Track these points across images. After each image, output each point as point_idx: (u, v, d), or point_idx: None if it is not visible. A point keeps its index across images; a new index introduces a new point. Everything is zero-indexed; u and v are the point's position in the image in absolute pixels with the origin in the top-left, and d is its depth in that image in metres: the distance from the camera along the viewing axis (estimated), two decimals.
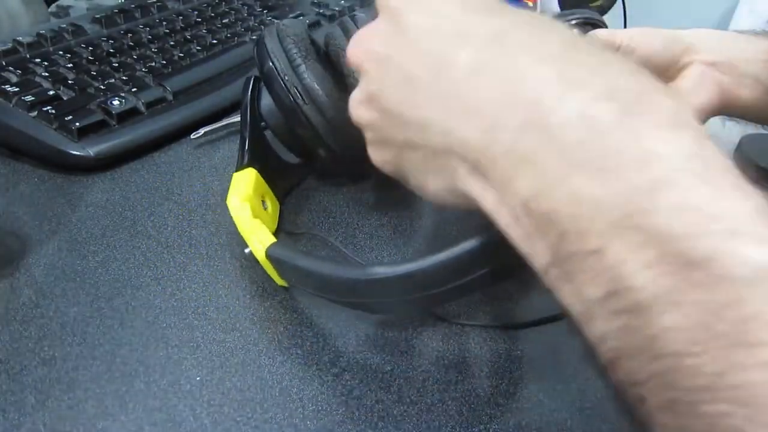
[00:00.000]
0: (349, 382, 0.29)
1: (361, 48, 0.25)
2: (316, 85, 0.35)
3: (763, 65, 0.41)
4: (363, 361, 0.30)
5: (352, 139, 0.37)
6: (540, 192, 0.18)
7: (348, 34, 0.38)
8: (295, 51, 0.36)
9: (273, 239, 0.31)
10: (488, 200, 0.20)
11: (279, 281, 0.33)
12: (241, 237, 0.33)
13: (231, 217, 0.34)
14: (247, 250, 0.33)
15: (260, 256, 0.31)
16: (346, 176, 0.43)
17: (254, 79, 0.39)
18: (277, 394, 0.28)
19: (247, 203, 0.34)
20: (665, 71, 0.41)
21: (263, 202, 0.37)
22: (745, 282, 0.15)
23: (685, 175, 0.16)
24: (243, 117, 0.39)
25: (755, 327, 0.14)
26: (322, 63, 0.36)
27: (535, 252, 0.19)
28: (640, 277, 0.16)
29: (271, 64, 0.36)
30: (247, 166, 0.37)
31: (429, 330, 0.32)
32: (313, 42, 0.38)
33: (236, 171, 0.37)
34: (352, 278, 0.27)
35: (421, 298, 0.27)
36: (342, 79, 0.37)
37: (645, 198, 0.16)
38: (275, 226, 0.38)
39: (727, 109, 0.42)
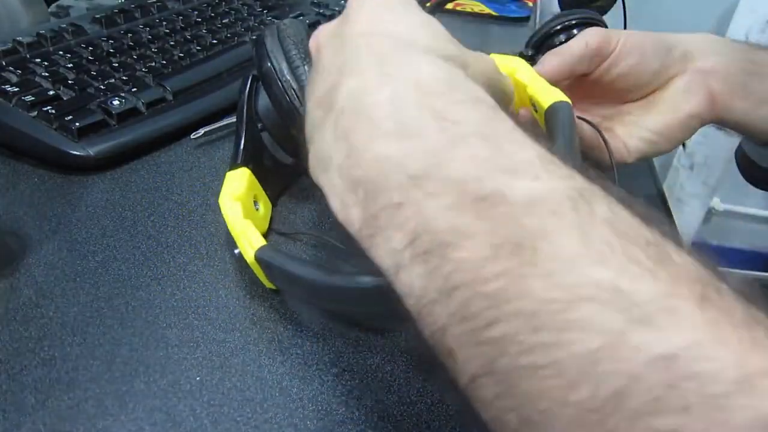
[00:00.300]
0: (349, 382, 0.29)
1: (317, 34, 0.29)
2: None
3: (758, 78, 0.41)
4: (363, 361, 0.30)
5: None
6: (351, 160, 0.21)
7: None
8: (294, 52, 0.35)
9: (263, 241, 0.31)
10: (320, 178, 0.23)
11: (267, 284, 0.33)
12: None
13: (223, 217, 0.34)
14: (236, 251, 0.33)
15: (249, 258, 0.31)
16: None
17: (252, 78, 0.39)
18: (277, 394, 0.28)
19: (238, 203, 0.34)
20: (656, 77, 0.41)
21: (255, 202, 0.37)
22: (522, 206, 0.17)
23: (476, 136, 0.19)
24: (239, 116, 0.39)
25: (532, 242, 0.17)
26: None
27: (350, 219, 0.21)
28: (439, 219, 0.18)
29: (269, 64, 0.35)
30: (241, 165, 0.37)
31: None
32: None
33: (230, 170, 0.37)
34: (341, 287, 0.27)
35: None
36: None
37: (442, 153, 0.19)
38: (266, 227, 0.38)
39: (718, 118, 0.42)
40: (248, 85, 0.39)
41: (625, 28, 0.76)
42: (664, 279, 0.16)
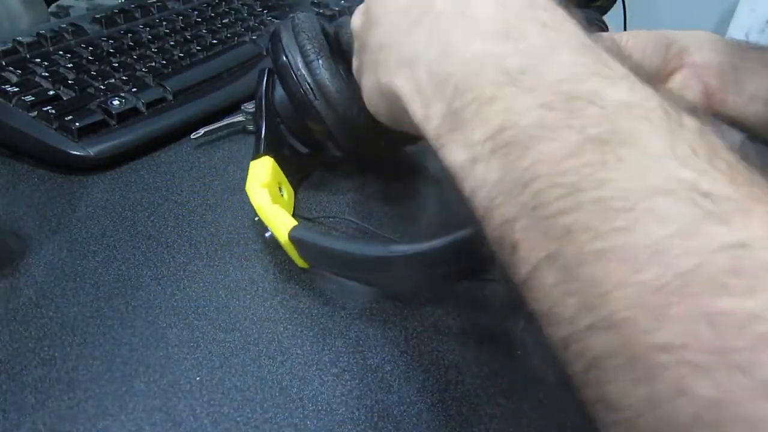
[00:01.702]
0: (349, 382, 0.29)
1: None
2: (327, 81, 0.35)
3: (749, 74, 0.42)
4: (363, 361, 0.30)
5: (362, 135, 0.37)
6: (446, 55, 0.21)
7: None
8: (309, 46, 0.36)
9: (294, 222, 0.32)
10: (399, 80, 0.24)
11: (300, 263, 0.34)
12: (262, 223, 0.34)
13: (250, 205, 0.35)
14: (268, 234, 0.34)
15: (283, 238, 0.32)
16: (356, 168, 0.43)
17: (268, 71, 0.40)
18: (277, 394, 0.28)
19: (265, 189, 0.35)
20: (657, 73, 0.42)
21: (280, 188, 0.38)
22: (615, 109, 0.18)
23: (577, 46, 0.20)
24: (258, 107, 0.40)
25: (620, 140, 0.17)
26: (335, 58, 0.37)
27: (429, 115, 0.22)
28: (529, 114, 0.18)
29: (284, 58, 0.36)
30: (264, 154, 0.38)
31: (430, 330, 0.32)
32: (327, 36, 0.38)
33: (253, 159, 0.38)
34: (374, 256, 0.28)
35: (442, 275, 0.28)
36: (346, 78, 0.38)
37: (542, 55, 0.20)
38: (292, 212, 0.39)
39: (713, 112, 0.43)
40: (265, 78, 0.40)
41: (625, 28, 0.76)
42: (741, 184, 0.16)
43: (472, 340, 0.32)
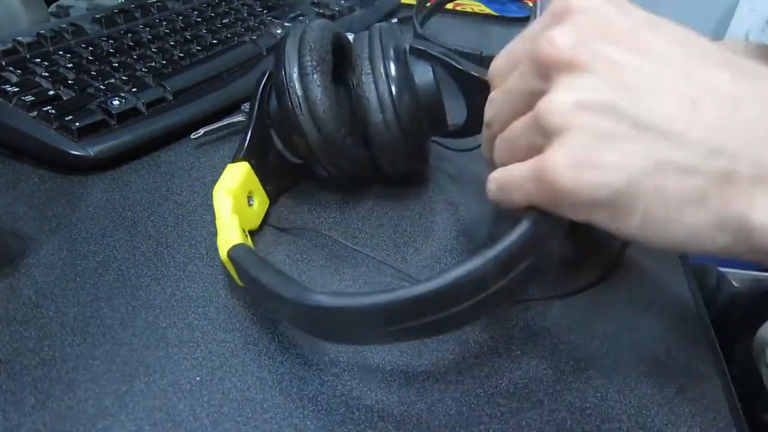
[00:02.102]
0: (349, 382, 0.29)
1: (585, 47, 0.22)
2: (316, 98, 0.35)
3: None
4: (363, 361, 0.30)
5: (344, 155, 0.37)
6: None
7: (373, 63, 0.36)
8: (307, 58, 0.35)
9: (239, 240, 0.31)
10: (687, 214, 0.18)
11: (240, 282, 0.32)
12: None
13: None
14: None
15: (222, 254, 0.31)
16: (346, 183, 0.42)
17: (268, 75, 0.40)
18: (277, 394, 0.28)
19: (229, 197, 0.34)
20: None
21: (250, 198, 0.37)
22: None
23: None
24: (251, 109, 0.39)
25: None
26: (333, 76, 0.36)
27: None
28: None
29: (281, 67, 0.36)
30: (243, 159, 0.37)
31: None
32: (341, 49, 0.38)
33: (231, 162, 0.37)
34: (292, 300, 0.25)
35: (378, 334, 0.26)
36: (348, 95, 0.37)
37: None
38: (258, 223, 0.38)
39: None
40: (264, 81, 0.39)
41: None
42: None
43: (472, 340, 0.32)
